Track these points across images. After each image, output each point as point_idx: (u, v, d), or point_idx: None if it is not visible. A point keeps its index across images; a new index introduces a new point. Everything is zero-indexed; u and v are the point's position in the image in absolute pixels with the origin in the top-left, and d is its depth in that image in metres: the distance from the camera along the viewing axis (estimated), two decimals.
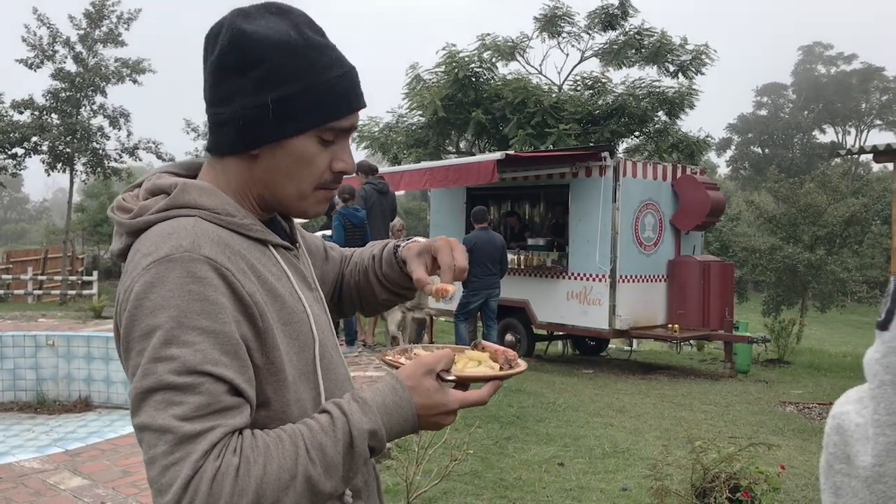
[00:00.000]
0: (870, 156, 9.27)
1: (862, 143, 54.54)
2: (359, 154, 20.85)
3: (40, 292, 18.55)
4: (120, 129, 20.09)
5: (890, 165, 9.54)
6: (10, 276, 19.62)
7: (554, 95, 18.11)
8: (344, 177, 1.24)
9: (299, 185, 1.19)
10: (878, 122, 64.31)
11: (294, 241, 1.32)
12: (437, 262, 1.35)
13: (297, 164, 1.17)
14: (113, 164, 20.17)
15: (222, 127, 1.16)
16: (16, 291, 18.66)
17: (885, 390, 0.68)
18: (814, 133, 65.53)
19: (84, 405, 8.72)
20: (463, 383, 1.18)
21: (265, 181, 1.19)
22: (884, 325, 0.71)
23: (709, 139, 19.82)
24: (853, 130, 65.41)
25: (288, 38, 1.14)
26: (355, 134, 15.51)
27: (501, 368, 1.23)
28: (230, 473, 0.97)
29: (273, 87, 1.12)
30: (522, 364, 1.26)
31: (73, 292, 18.22)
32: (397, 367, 1.18)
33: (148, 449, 0.99)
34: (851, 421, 0.73)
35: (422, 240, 1.45)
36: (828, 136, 65.91)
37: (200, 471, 0.96)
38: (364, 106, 1.21)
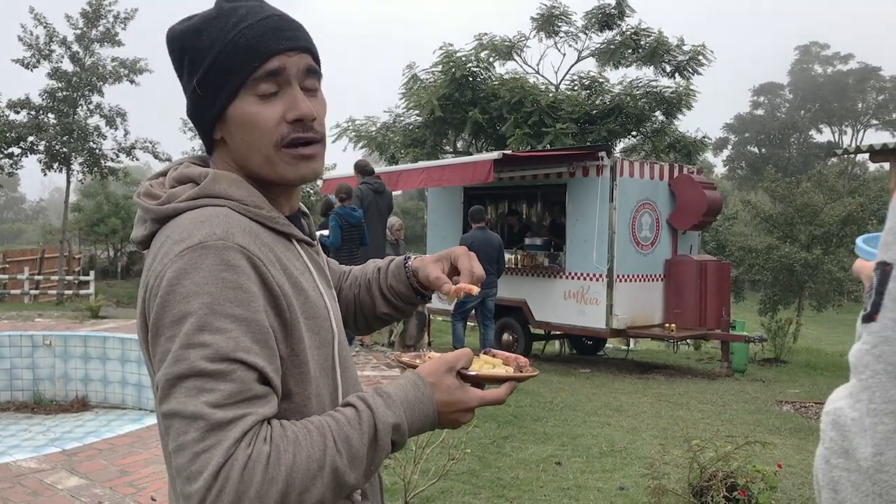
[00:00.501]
0: (866, 155, 9.28)
1: (858, 143, 54.61)
2: (356, 154, 20.84)
3: (37, 292, 18.52)
4: (117, 128, 20.07)
5: (886, 165, 9.55)
6: (6, 276, 19.57)
7: (551, 95, 18.11)
8: (311, 123, 1.17)
9: (260, 150, 1.15)
10: (875, 121, 64.44)
11: (313, 237, 1.32)
12: (456, 268, 1.41)
13: (246, 130, 1.15)
14: (110, 163, 20.14)
15: (192, 123, 1.20)
16: (12, 291, 18.62)
17: (880, 379, 0.68)
18: (810, 133, 65.65)
19: (81, 405, 8.71)
20: (479, 383, 1.20)
21: (239, 161, 1.19)
22: (870, 318, 0.71)
23: (706, 139, 19.85)
24: (850, 130, 65.55)
25: (203, 18, 1.15)
26: (353, 133, 15.42)
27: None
28: (261, 461, 0.97)
29: (196, 69, 1.14)
30: (535, 370, 1.29)
31: (70, 292, 18.20)
32: (414, 368, 1.19)
33: (177, 436, 0.98)
34: (847, 416, 0.73)
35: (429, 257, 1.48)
36: (824, 135, 66.09)
37: (232, 458, 0.95)
38: (288, 47, 1.15)
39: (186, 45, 1.15)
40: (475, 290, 1.33)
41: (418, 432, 1.14)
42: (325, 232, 8.34)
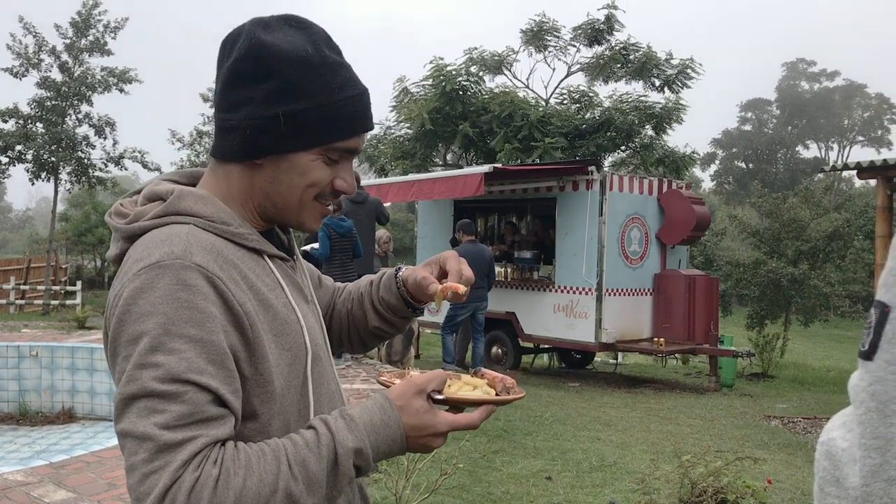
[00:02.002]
0: (853, 171, 9.35)
1: (845, 159, 55.12)
2: None
3: (23, 302, 18.38)
4: (105, 138, 19.95)
5: (872, 181, 9.63)
6: None
7: (541, 109, 18.20)
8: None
9: (301, 199, 1.19)
10: (861, 137, 65.03)
11: (291, 252, 1.31)
12: (445, 270, 1.37)
13: (300, 179, 1.17)
14: (98, 173, 20.03)
15: (229, 133, 1.16)
16: None
17: (871, 416, 0.72)
18: (797, 148, 66.11)
19: (68, 416, 8.63)
20: (456, 406, 1.16)
21: (266, 191, 1.19)
22: (868, 356, 0.74)
23: (694, 154, 19.97)
24: (836, 146, 66.10)
25: (304, 54, 1.14)
26: None
27: (499, 394, 1.21)
28: (209, 485, 0.96)
29: (284, 101, 1.13)
30: (521, 391, 1.24)
31: (57, 302, 18.07)
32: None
33: (129, 456, 0.98)
34: (838, 446, 0.77)
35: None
36: (811, 151, 66.62)
37: (179, 481, 0.95)
38: (371, 129, 1.22)
39: (283, 71, 1.12)
40: (462, 288, 1.30)
41: (385, 456, 1.12)
42: (316, 245, 8.31)
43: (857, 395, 0.75)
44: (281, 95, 1.13)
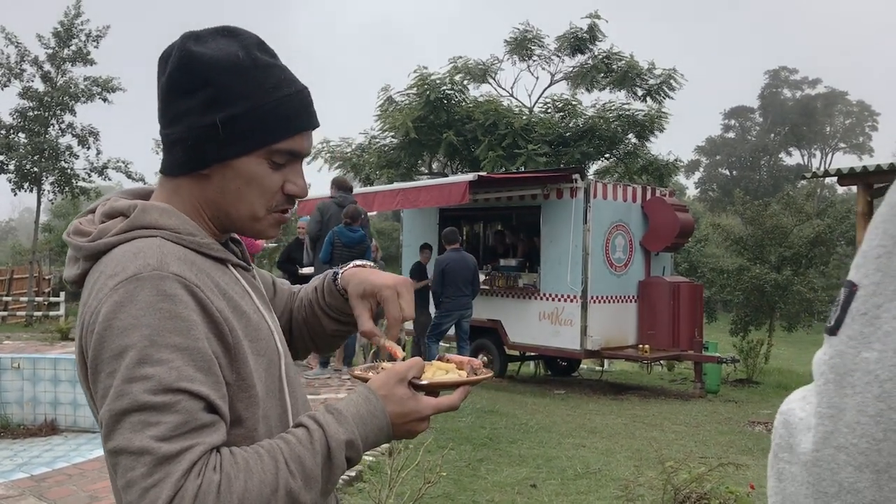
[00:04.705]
0: (835, 178, 9.44)
1: (827, 166, 55.55)
2: (331, 174, 20.82)
3: (5, 313, 18.24)
4: (89, 148, 19.83)
5: (853, 188, 9.72)
6: None
7: (525, 118, 18.27)
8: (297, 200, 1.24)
9: (251, 207, 1.19)
10: (843, 144, 65.59)
11: (248, 262, 1.31)
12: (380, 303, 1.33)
13: (248, 185, 1.17)
14: (81, 183, 19.92)
15: (173, 147, 1.16)
16: None
17: (829, 387, 0.76)
18: (780, 156, 66.58)
19: (50, 429, 8.55)
20: (433, 391, 1.19)
21: (217, 202, 1.19)
22: (833, 331, 0.78)
23: (678, 161, 20.09)
24: (818, 153, 66.62)
25: (235, 59, 1.15)
26: (328, 154, 15.46)
27: (468, 376, 1.25)
28: (212, 491, 0.96)
29: (220, 108, 1.13)
30: (489, 371, 1.29)
31: (40, 314, 17.93)
32: (366, 381, 1.18)
33: (124, 473, 0.96)
34: (795, 415, 0.82)
35: (361, 264, 1.42)
36: (794, 158, 67.05)
37: (182, 490, 0.94)
38: (315, 127, 1.21)
39: (215, 78, 1.13)
40: (400, 355, 1.27)
41: (373, 446, 1.14)
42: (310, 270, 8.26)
43: (818, 368, 0.79)
44: (216, 103, 1.13)
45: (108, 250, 1.11)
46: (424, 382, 1.18)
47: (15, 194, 19.79)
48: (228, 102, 1.13)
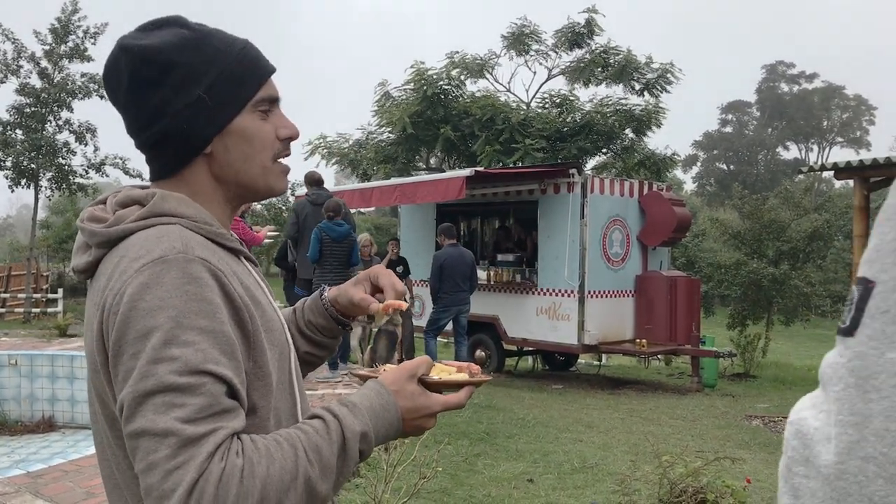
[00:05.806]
0: (832, 172, 9.44)
1: (824, 160, 55.42)
2: (328, 169, 20.84)
3: (3, 310, 18.24)
4: (86, 144, 19.80)
5: (851, 182, 9.72)
6: None
7: (522, 113, 18.26)
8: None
9: (260, 162, 1.21)
10: (840, 139, 65.61)
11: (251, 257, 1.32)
12: (379, 286, 1.40)
13: (250, 143, 1.19)
14: (79, 179, 19.89)
15: (164, 142, 1.17)
16: None
17: (850, 392, 0.70)
18: (778, 150, 66.61)
19: (48, 425, 8.55)
20: (439, 389, 1.22)
21: (227, 175, 1.20)
22: (849, 332, 0.73)
23: (675, 156, 20.09)
24: (816, 147, 66.63)
25: (183, 37, 1.16)
26: (325, 150, 15.49)
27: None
28: (235, 475, 0.96)
29: (196, 82, 1.14)
30: (487, 375, 1.32)
31: (38, 310, 17.93)
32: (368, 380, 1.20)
33: (146, 455, 0.96)
34: (809, 425, 0.76)
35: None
36: (791, 152, 67.09)
37: (206, 472, 0.94)
38: (274, 70, 1.24)
39: (177, 59, 1.14)
40: (404, 305, 1.35)
41: (384, 440, 1.15)
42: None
43: (834, 372, 0.74)
44: (189, 79, 1.14)
45: (125, 237, 1.11)
46: (435, 379, 1.20)
47: (12, 191, 19.78)
48: (201, 73, 1.15)
